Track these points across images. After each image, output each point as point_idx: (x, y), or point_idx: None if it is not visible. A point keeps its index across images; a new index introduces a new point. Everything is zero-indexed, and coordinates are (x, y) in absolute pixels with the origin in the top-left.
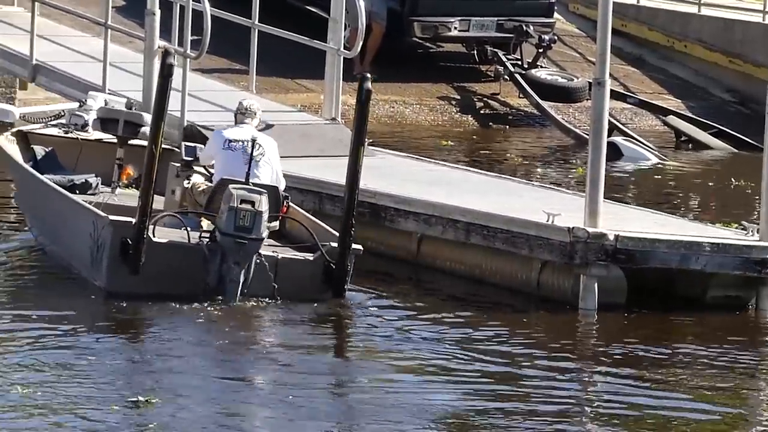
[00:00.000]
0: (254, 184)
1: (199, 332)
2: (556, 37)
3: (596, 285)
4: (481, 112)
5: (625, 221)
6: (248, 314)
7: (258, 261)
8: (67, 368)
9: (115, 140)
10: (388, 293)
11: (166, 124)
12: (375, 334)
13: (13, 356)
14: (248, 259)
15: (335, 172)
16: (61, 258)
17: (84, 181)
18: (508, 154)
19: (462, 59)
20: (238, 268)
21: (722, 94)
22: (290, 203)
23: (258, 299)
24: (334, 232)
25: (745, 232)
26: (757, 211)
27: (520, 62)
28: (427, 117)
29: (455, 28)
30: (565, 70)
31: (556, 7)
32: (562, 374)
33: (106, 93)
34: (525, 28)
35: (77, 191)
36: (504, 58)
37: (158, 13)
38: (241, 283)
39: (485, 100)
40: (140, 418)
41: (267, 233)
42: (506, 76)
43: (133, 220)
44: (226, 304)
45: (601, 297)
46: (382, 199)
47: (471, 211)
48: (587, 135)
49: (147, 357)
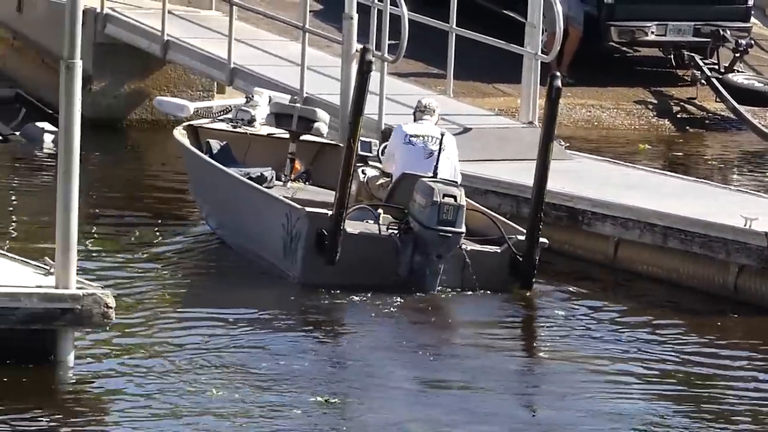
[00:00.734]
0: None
1: (390, 331)
2: (753, 42)
3: None
4: (678, 116)
5: None
6: (439, 310)
7: (453, 253)
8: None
9: (282, 136)
10: (584, 296)
11: (366, 128)
12: (568, 336)
13: (207, 355)
14: (450, 252)
15: (532, 176)
16: (245, 249)
17: (260, 174)
18: (704, 158)
19: (659, 63)
20: (440, 261)
21: None
22: (466, 198)
23: (449, 291)
24: (516, 226)
25: None
26: None
27: (716, 66)
28: (624, 121)
29: (652, 33)
30: (761, 75)
31: (753, 12)
32: (761, 379)
33: (276, 92)
34: (722, 32)
35: None
36: (701, 63)
37: (356, 17)
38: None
39: (682, 104)
40: (329, 419)
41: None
42: (703, 81)
43: (329, 212)
44: (422, 293)
45: None
46: (580, 202)
47: (668, 215)
48: None
49: (340, 358)
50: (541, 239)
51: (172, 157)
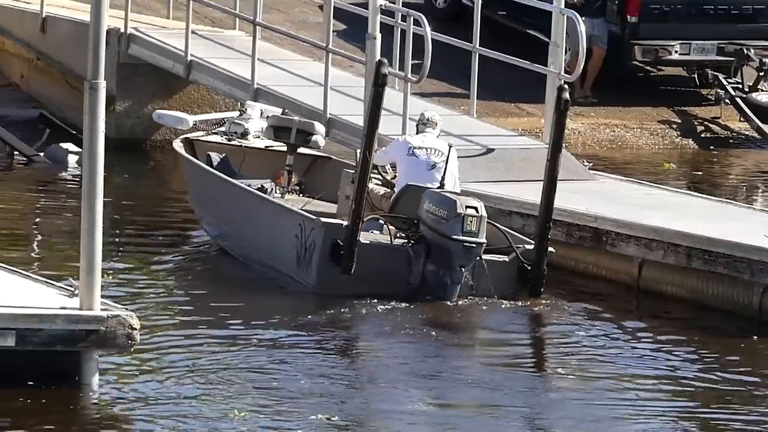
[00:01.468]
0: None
1: (404, 347)
2: None
3: None
4: (702, 135)
5: None
6: (455, 324)
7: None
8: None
9: (276, 148)
10: (608, 316)
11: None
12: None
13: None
14: (472, 262)
15: (557, 197)
16: (254, 260)
17: (260, 186)
18: (728, 178)
19: (682, 83)
20: (463, 271)
21: None
22: None
23: (462, 299)
24: (523, 237)
25: None
26: None
27: (740, 86)
28: (648, 141)
29: (676, 52)
30: None
31: None
32: None
33: (276, 107)
34: (746, 51)
35: None
36: (725, 82)
37: (379, 37)
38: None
39: (706, 123)
40: None
41: None
42: (727, 100)
43: (344, 223)
44: (438, 304)
45: None
46: (604, 223)
47: (692, 235)
48: None
49: (356, 378)
50: (549, 249)
51: None
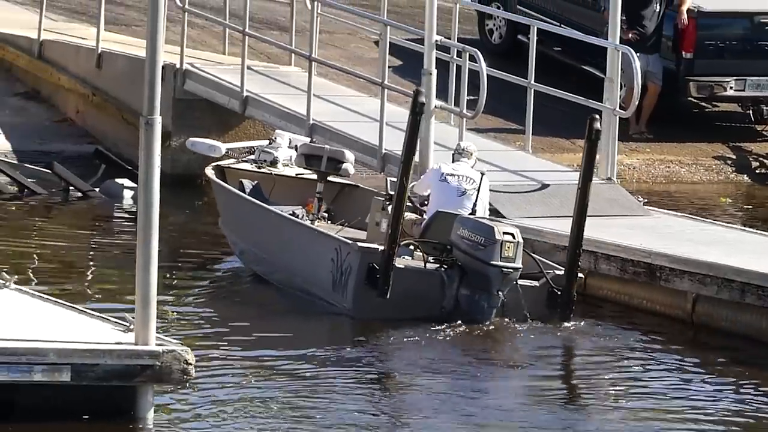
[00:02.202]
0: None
1: (442, 379)
2: None
3: None
4: (757, 171)
5: None
6: (492, 351)
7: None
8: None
9: (305, 176)
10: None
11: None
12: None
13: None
14: (509, 287)
15: (611, 232)
16: (286, 283)
17: (292, 212)
18: None
19: (737, 119)
20: (500, 295)
21: None
22: None
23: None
24: (553, 264)
25: None
26: None
27: None
28: (703, 176)
29: (731, 88)
30: None
31: None
32: None
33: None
34: None
35: None
36: None
37: (435, 72)
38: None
39: (761, 159)
40: None
41: None
42: None
43: (380, 247)
44: (472, 327)
45: None
46: (657, 258)
47: (746, 271)
48: None
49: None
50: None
51: None
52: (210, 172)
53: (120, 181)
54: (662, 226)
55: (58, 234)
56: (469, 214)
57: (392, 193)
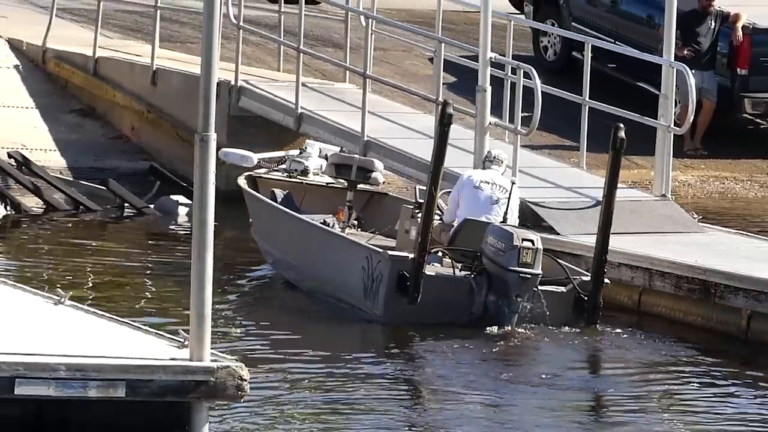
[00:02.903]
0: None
1: (474, 383)
2: None
3: None
4: None
5: None
6: (524, 362)
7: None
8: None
9: (335, 185)
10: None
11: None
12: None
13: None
14: (528, 292)
15: (666, 249)
16: (317, 290)
17: (323, 221)
18: None
19: None
20: (520, 301)
21: None
22: None
23: (522, 327)
24: (579, 270)
25: None
26: None
27: None
28: (758, 193)
29: None
30: None
31: None
32: None
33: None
34: None
35: None
36: None
37: (489, 89)
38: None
39: None
40: None
41: None
42: None
43: (409, 255)
44: (502, 332)
45: None
46: (712, 275)
47: None
48: None
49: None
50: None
51: None
52: (242, 181)
53: (175, 197)
54: (717, 242)
55: (112, 250)
56: (501, 222)
57: (421, 201)
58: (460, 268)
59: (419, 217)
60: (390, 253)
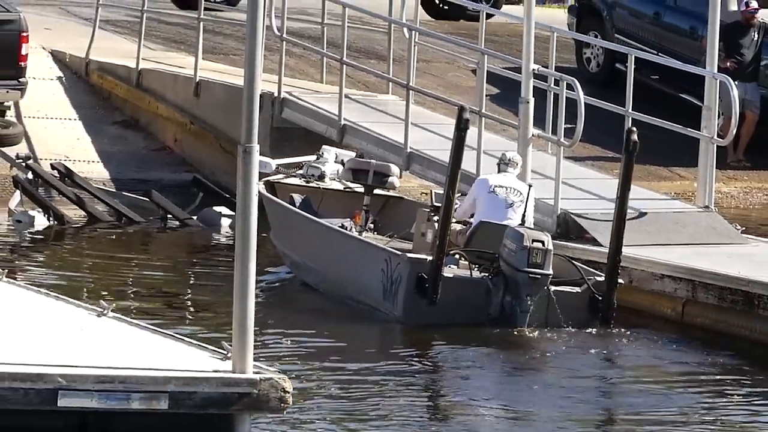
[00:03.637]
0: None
1: (493, 385)
2: None
3: None
4: None
5: None
6: (545, 366)
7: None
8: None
9: (352, 190)
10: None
11: (541, 212)
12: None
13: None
14: (539, 293)
15: (709, 260)
16: (336, 292)
17: (341, 224)
18: None
19: None
20: (530, 301)
21: None
22: None
23: (535, 328)
24: (594, 270)
25: None
26: None
27: None
28: None
29: None
30: None
31: None
32: None
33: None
34: None
35: None
36: None
37: (532, 101)
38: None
39: None
40: None
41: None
42: None
43: (428, 257)
44: (514, 330)
45: None
46: (756, 287)
47: None
48: None
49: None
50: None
51: None
52: (261, 187)
53: (218, 209)
54: (760, 254)
55: (155, 262)
56: (520, 223)
57: (437, 204)
58: (477, 269)
59: (435, 220)
60: (409, 255)
